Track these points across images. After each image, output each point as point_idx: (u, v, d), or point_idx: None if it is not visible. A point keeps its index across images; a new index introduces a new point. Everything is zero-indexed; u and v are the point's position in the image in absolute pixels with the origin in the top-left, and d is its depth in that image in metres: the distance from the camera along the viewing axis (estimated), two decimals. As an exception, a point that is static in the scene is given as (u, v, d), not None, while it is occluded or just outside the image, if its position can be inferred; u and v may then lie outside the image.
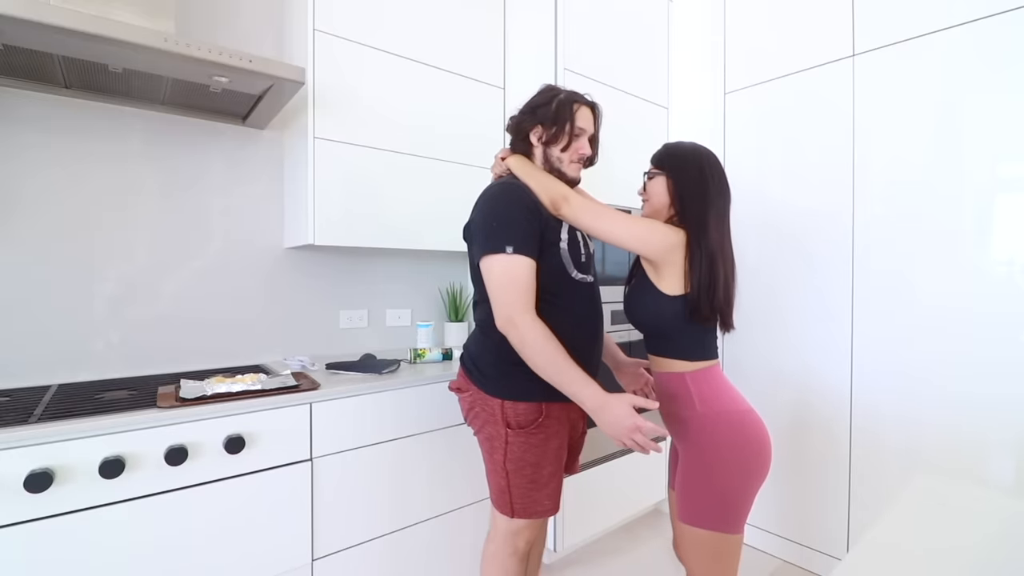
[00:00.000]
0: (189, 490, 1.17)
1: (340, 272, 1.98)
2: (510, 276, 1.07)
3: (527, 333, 1.06)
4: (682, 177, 1.19)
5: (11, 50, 1.17)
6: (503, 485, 1.18)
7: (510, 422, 1.16)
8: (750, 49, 2.13)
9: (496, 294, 1.09)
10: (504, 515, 1.20)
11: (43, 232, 1.43)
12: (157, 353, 1.60)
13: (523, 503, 1.18)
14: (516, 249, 1.07)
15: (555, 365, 1.06)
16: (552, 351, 1.06)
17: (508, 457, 1.17)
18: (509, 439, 1.16)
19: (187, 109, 1.60)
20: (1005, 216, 1.53)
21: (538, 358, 1.06)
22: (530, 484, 1.17)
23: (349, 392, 1.42)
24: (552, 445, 1.19)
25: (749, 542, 2.13)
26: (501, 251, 1.07)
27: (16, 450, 0.99)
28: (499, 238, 1.08)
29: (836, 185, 1.86)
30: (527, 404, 1.16)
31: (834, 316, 1.87)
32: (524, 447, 1.16)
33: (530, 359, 1.07)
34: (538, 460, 1.17)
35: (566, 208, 1.15)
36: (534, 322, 1.07)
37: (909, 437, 1.69)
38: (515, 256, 1.07)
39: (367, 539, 1.46)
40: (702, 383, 1.16)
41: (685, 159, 1.21)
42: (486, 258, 1.10)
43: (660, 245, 1.13)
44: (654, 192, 1.23)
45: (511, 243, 1.07)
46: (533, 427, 1.16)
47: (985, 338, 1.55)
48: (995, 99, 1.53)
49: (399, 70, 1.80)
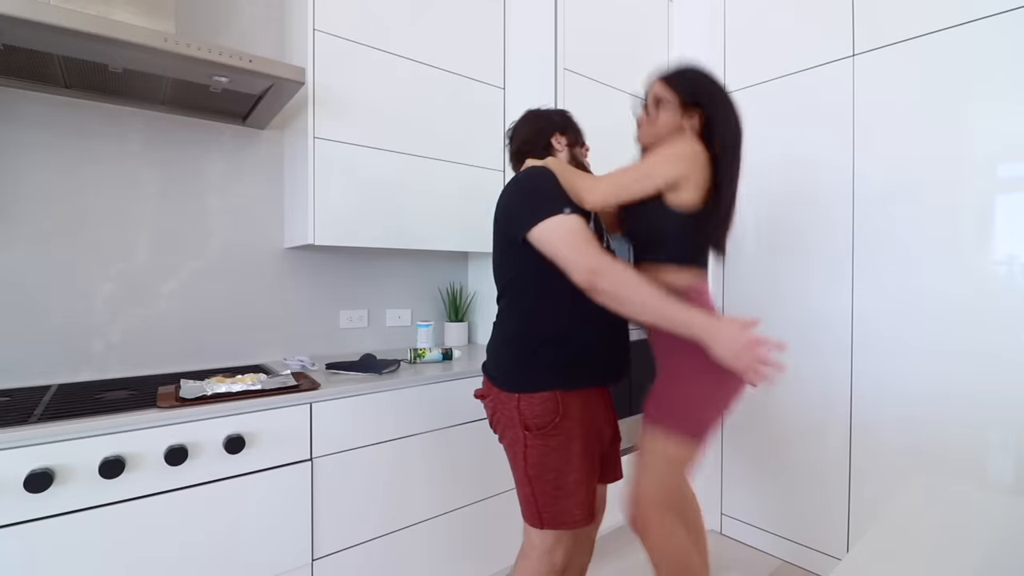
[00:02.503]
0: (189, 490, 1.17)
1: (340, 272, 1.98)
2: (576, 232, 1.04)
3: (620, 272, 1.01)
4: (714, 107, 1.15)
5: (11, 50, 1.17)
6: (528, 493, 1.15)
7: (527, 423, 1.13)
8: (750, 49, 2.13)
9: (568, 251, 1.03)
10: (534, 527, 1.15)
11: (43, 232, 1.43)
12: (157, 353, 1.60)
13: (551, 512, 1.13)
14: (572, 210, 1.06)
15: (654, 296, 1.01)
16: (648, 285, 1.01)
17: (528, 462, 1.13)
18: (528, 442, 1.13)
19: (187, 109, 1.60)
20: (1005, 216, 1.53)
21: (637, 294, 1.01)
22: (555, 491, 1.12)
23: (349, 392, 1.42)
24: (575, 448, 1.13)
25: (749, 542, 2.13)
26: (558, 212, 1.04)
27: (16, 450, 0.99)
28: (551, 204, 1.06)
29: (836, 185, 1.86)
30: (542, 396, 1.12)
31: (834, 316, 1.87)
32: (544, 450, 1.12)
33: (629, 298, 1.01)
34: (560, 465, 1.12)
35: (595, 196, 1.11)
36: (617, 263, 1.03)
37: (909, 437, 1.69)
38: (573, 215, 1.05)
39: (367, 539, 1.46)
40: (694, 297, 1.14)
41: (707, 89, 1.18)
42: (541, 225, 1.05)
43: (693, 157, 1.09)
44: (663, 122, 1.17)
45: (567, 204, 1.06)
46: (551, 428, 1.12)
47: (985, 338, 1.55)
48: (995, 99, 1.53)
49: (399, 70, 1.80)
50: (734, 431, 2.19)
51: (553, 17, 1.93)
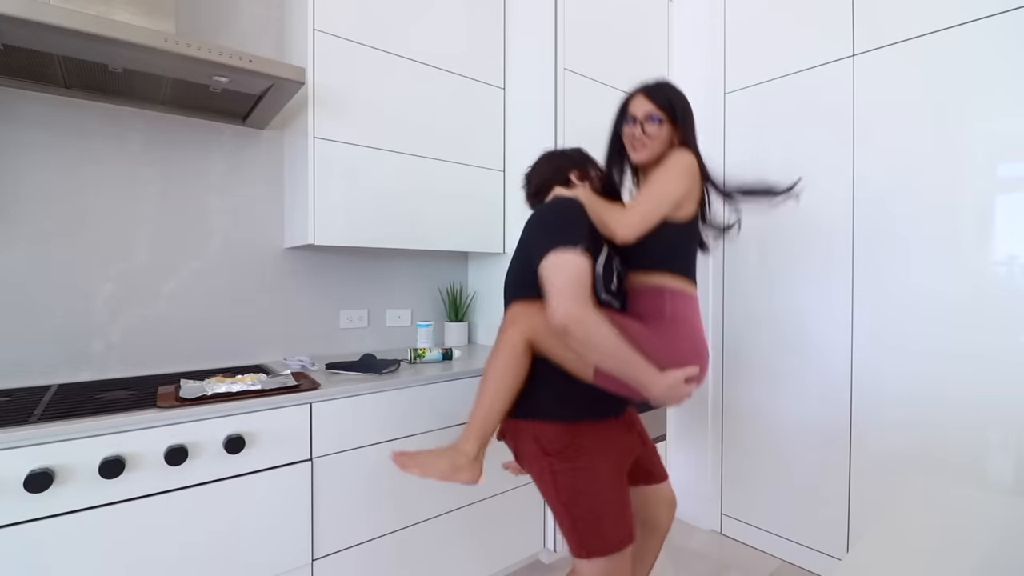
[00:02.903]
0: (189, 490, 1.17)
1: (340, 272, 1.98)
2: (577, 272, 1.03)
3: (595, 325, 1.02)
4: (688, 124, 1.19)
5: (11, 50, 1.17)
6: (567, 524, 1.10)
7: (546, 448, 1.11)
8: (750, 49, 2.13)
9: (560, 288, 1.03)
10: (583, 559, 1.10)
11: (43, 232, 1.43)
12: (157, 353, 1.60)
13: (593, 539, 1.09)
14: (585, 248, 1.06)
15: (621, 354, 1.02)
16: (619, 342, 1.02)
17: (559, 489, 1.10)
18: (554, 468, 1.10)
19: (187, 109, 1.60)
20: (1005, 216, 1.53)
21: (605, 349, 1.02)
22: (591, 515, 1.09)
23: (349, 392, 1.42)
24: (602, 468, 1.11)
25: (749, 542, 2.13)
26: (571, 248, 1.04)
27: (16, 450, 0.99)
28: (567, 237, 1.06)
29: (836, 185, 1.86)
30: (554, 427, 1.12)
31: (834, 316, 1.87)
32: (571, 474, 1.10)
33: (597, 351, 1.03)
34: (590, 487, 1.09)
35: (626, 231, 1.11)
36: (599, 315, 1.03)
37: (909, 437, 1.69)
38: (581, 257, 1.05)
39: (367, 539, 1.46)
40: (678, 301, 1.15)
41: (686, 102, 1.21)
42: (552, 255, 1.05)
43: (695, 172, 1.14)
44: (658, 138, 1.19)
45: (580, 242, 1.05)
46: (572, 451, 1.10)
47: (985, 339, 1.55)
48: (995, 99, 1.53)
49: (399, 70, 1.80)
50: (734, 431, 2.19)
51: (553, 17, 1.93)
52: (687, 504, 2.34)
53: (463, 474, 1.12)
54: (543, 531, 1.92)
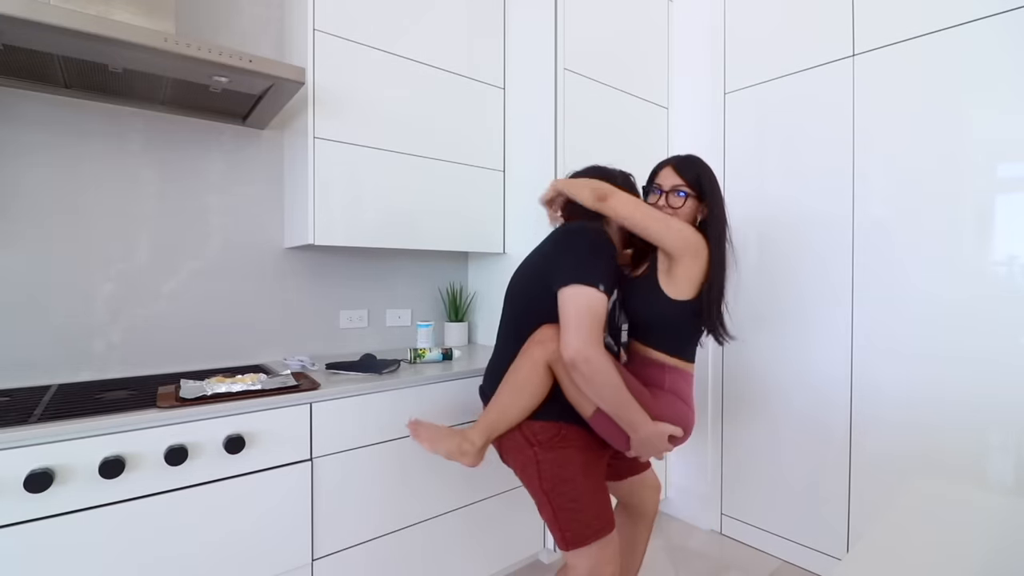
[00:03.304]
0: (189, 490, 1.17)
1: (340, 272, 1.98)
2: (594, 311, 1.07)
3: (602, 365, 1.06)
4: (716, 203, 1.21)
5: (11, 50, 1.17)
6: (549, 515, 1.16)
7: (531, 439, 1.17)
8: (750, 49, 2.13)
9: (572, 324, 1.06)
10: (568, 551, 1.15)
11: (43, 232, 1.43)
12: (157, 353, 1.60)
13: (573, 529, 1.14)
14: (606, 289, 1.08)
15: (620, 396, 1.08)
16: (620, 384, 1.08)
17: (543, 477, 1.15)
18: (539, 458, 1.16)
19: (187, 109, 1.60)
20: (1005, 216, 1.53)
21: (606, 390, 1.08)
22: (572, 504, 1.14)
23: (349, 392, 1.42)
24: (582, 459, 1.17)
25: (749, 542, 2.13)
26: (594, 285, 1.07)
27: (16, 450, 0.99)
28: (594, 274, 1.08)
29: (836, 185, 1.86)
30: (543, 424, 1.17)
31: (834, 316, 1.87)
32: (555, 463, 1.15)
33: (599, 390, 1.08)
34: (573, 475, 1.15)
35: (612, 199, 1.17)
36: (607, 356, 1.08)
37: (909, 437, 1.69)
38: (603, 295, 1.08)
39: (367, 539, 1.46)
40: (677, 377, 1.23)
41: (714, 184, 1.23)
42: (575, 287, 1.07)
43: (695, 245, 1.16)
44: (684, 213, 1.22)
45: (604, 282, 1.08)
46: (557, 439, 1.16)
47: (985, 340, 1.54)
48: (995, 99, 1.53)
49: (399, 70, 1.80)
50: (734, 431, 2.19)
51: (553, 17, 1.93)
52: (687, 504, 2.34)
53: (466, 458, 1.20)
54: (543, 531, 1.92)
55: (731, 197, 2.20)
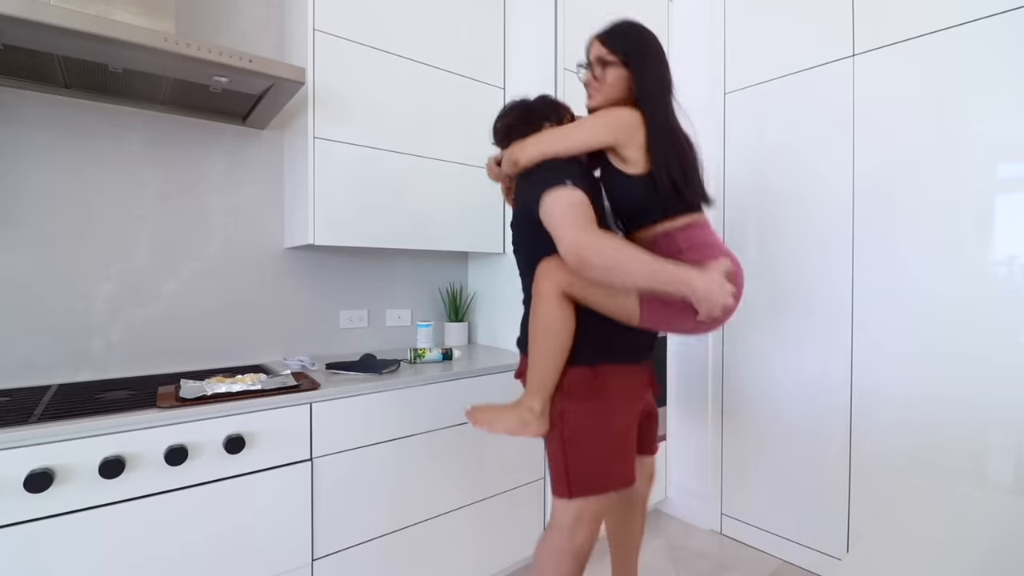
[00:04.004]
0: (189, 490, 1.17)
1: (340, 272, 1.98)
2: (575, 203, 1.02)
3: (607, 241, 0.99)
4: (646, 68, 1.14)
5: (11, 50, 1.17)
6: (560, 462, 1.11)
7: (564, 390, 1.12)
8: (750, 49, 2.13)
9: (563, 223, 1.01)
10: (562, 497, 1.12)
11: (43, 232, 1.43)
12: (157, 353, 1.60)
13: (581, 479, 1.09)
14: (575, 183, 1.04)
15: (645, 262, 0.99)
16: (637, 251, 1.00)
17: (565, 426, 1.11)
18: (565, 406, 1.12)
19: (187, 109, 1.60)
20: (1005, 216, 1.53)
21: (627, 262, 0.99)
22: (589, 456, 1.09)
23: (349, 392, 1.42)
24: (614, 414, 1.12)
25: (749, 542, 2.13)
26: (561, 184, 1.04)
27: (16, 450, 0.99)
28: (557, 176, 1.06)
29: (836, 185, 1.86)
30: (578, 369, 1.12)
31: (834, 316, 1.87)
32: (583, 414, 1.11)
33: (620, 268, 0.98)
34: (599, 427, 1.11)
35: (521, 156, 1.12)
36: (608, 235, 1.02)
37: (909, 437, 1.69)
38: (575, 188, 1.04)
39: (367, 539, 1.46)
40: (689, 234, 1.12)
41: (646, 47, 1.16)
42: (545, 196, 1.04)
43: (618, 124, 1.09)
44: (611, 82, 1.15)
45: (570, 178, 1.05)
46: (589, 392, 1.11)
47: (985, 340, 1.54)
48: (995, 99, 1.53)
49: (399, 70, 1.80)
50: (734, 431, 2.19)
51: (553, 17, 1.93)
52: (687, 504, 2.34)
53: (530, 428, 1.13)
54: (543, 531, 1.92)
55: (731, 198, 2.20)
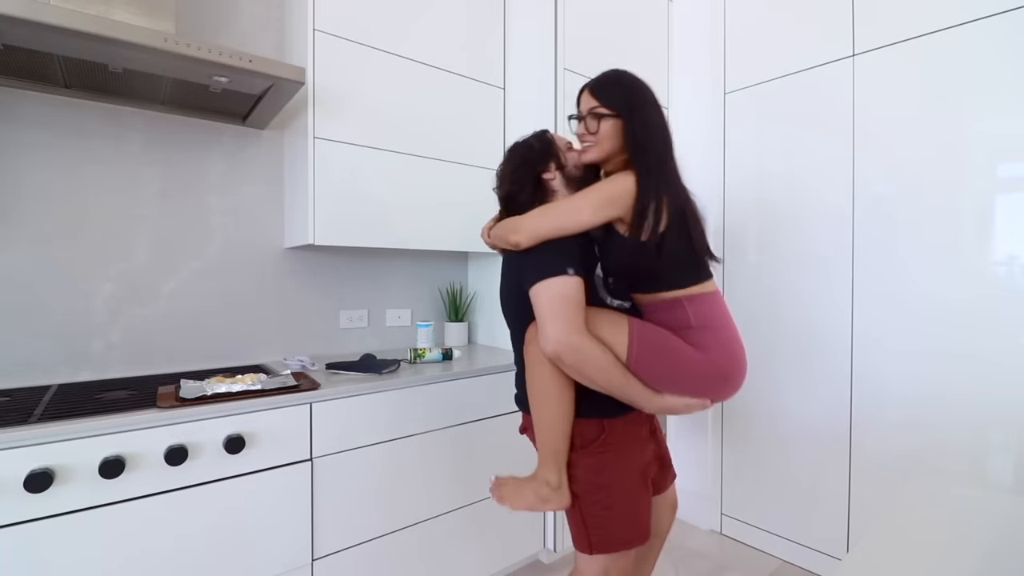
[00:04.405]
0: (189, 490, 1.17)
1: (340, 272, 1.98)
2: (568, 297, 1.00)
3: (589, 350, 1.00)
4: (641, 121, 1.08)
5: (11, 50, 1.17)
6: (576, 517, 1.09)
7: (572, 443, 1.08)
8: (750, 49, 2.13)
9: (551, 316, 1.00)
10: (583, 553, 1.09)
11: (43, 232, 1.43)
12: (157, 353, 1.60)
13: (600, 535, 1.06)
14: (577, 270, 1.02)
15: (616, 379, 1.02)
16: (613, 365, 1.02)
17: (575, 481, 1.08)
18: (573, 460, 1.08)
19: (187, 109, 1.60)
20: (1005, 216, 1.53)
21: (599, 375, 1.01)
22: (605, 511, 1.07)
23: (349, 392, 1.42)
24: (627, 466, 1.10)
25: (749, 542, 2.13)
26: (562, 272, 1.01)
27: (16, 450, 0.99)
28: (558, 261, 1.02)
29: (836, 186, 1.86)
30: (586, 422, 1.09)
31: (834, 316, 1.87)
32: (592, 468, 1.08)
33: (593, 375, 1.01)
34: (610, 482, 1.08)
35: (520, 237, 1.05)
36: (593, 341, 1.01)
37: (909, 437, 1.69)
38: (574, 278, 1.01)
39: (367, 539, 1.46)
40: (698, 305, 1.08)
41: (644, 98, 1.11)
42: (543, 282, 1.01)
43: (615, 195, 1.03)
44: (606, 136, 1.10)
45: (571, 264, 1.02)
46: (597, 445, 1.08)
47: (985, 340, 1.54)
48: (995, 99, 1.53)
49: (399, 70, 1.80)
50: (734, 431, 2.19)
51: (553, 17, 1.93)
52: (687, 504, 2.34)
53: (551, 504, 1.08)
54: (543, 531, 1.92)
55: (730, 198, 2.20)
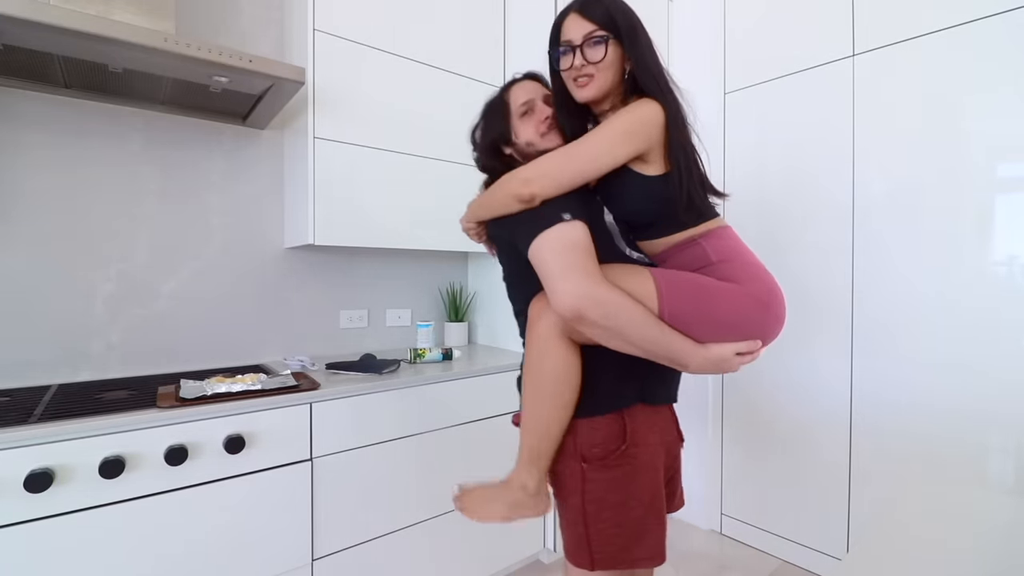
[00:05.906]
0: (189, 490, 1.17)
1: (340, 272, 1.98)
2: (575, 243, 0.84)
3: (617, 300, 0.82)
4: (639, 44, 0.93)
5: (11, 50, 1.17)
6: (580, 533, 0.94)
7: (585, 454, 0.93)
8: (750, 49, 2.13)
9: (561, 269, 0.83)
10: (579, 567, 0.95)
11: (43, 232, 1.43)
12: (157, 353, 1.60)
13: (605, 551, 0.92)
14: (575, 215, 0.87)
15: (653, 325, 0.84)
16: (645, 313, 0.84)
17: (587, 498, 0.93)
18: (586, 475, 0.93)
19: (187, 109, 1.60)
20: (1005, 216, 1.53)
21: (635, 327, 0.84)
22: (615, 528, 0.92)
23: (349, 392, 1.42)
24: (642, 481, 0.94)
25: (749, 542, 2.13)
26: (558, 220, 0.85)
27: (16, 450, 0.99)
28: (552, 211, 0.87)
29: (836, 186, 1.86)
30: (605, 420, 0.93)
31: (834, 316, 1.87)
32: (606, 484, 0.92)
33: (626, 329, 0.83)
34: (624, 499, 0.93)
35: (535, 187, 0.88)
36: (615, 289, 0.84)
37: (909, 438, 1.69)
38: (575, 222, 0.86)
39: (367, 539, 1.46)
40: (717, 241, 0.97)
41: (630, 18, 0.95)
42: (539, 237, 0.86)
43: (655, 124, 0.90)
44: (611, 64, 0.93)
45: (567, 210, 0.86)
46: (615, 457, 0.92)
47: (985, 340, 1.54)
48: (995, 99, 1.53)
49: (399, 70, 1.80)
50: (734, 432, 2.19)
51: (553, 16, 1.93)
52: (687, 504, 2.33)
53: (526, 511, 0.94)
54: (543, 531, 1.92)
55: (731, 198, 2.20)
